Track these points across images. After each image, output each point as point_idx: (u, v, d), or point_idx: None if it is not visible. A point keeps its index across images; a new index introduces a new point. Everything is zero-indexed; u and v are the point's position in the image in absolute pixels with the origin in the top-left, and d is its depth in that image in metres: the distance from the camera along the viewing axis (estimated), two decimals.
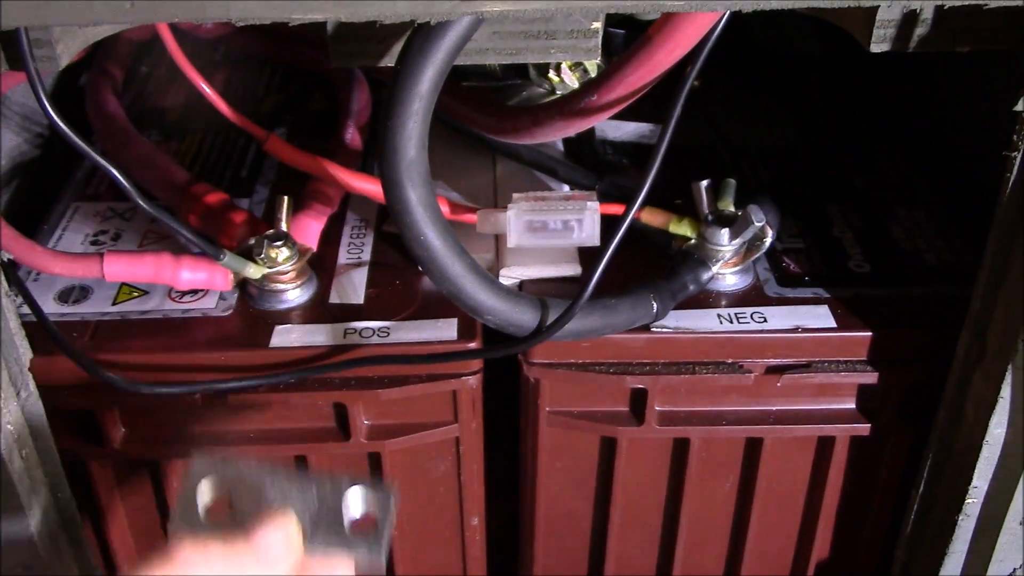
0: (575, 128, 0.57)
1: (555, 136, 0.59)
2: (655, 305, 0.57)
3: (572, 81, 0.76)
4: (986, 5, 0.43)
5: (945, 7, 0.44)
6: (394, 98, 0.45)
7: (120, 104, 0.76)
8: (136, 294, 0.62)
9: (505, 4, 0.40)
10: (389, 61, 0.48)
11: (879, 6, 0.47)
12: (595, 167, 0.70)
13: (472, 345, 0.58)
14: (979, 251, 0.52)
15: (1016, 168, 0.48)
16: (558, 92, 0.77)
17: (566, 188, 0.68)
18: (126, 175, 0.65)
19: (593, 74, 0.75)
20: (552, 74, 0.76)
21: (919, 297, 0.61)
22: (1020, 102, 0.47)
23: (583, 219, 0.58)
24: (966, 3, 0.43)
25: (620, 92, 0.52)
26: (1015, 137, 0.48)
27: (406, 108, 0.45)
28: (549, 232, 0.58)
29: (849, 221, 0.68)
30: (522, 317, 0.51)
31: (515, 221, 0.58)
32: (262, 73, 0.86)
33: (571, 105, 0.55)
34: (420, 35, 0.44)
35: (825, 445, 0.62)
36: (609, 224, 0.57)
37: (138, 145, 0.70)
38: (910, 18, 0.47)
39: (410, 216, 0.46)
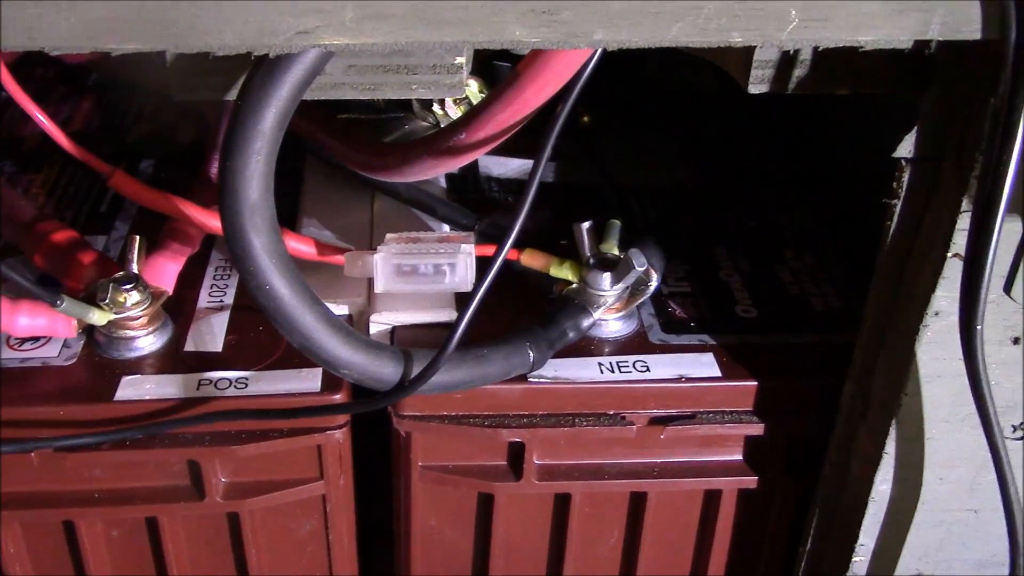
0: (445, 167, 0.54)
1: (426, 175, 0.56)
2: (531, 354, 0.54)
3: (456, 114, 0.73)
4: (861, 47, 0.41)
5: (820, 48, 0.42)
6: (234, 136, 0.41)
7: None
8: None
9: (348, 38, 0.37)
10: (235, 94, 0.44)
11: (755, 47, 0.45)
12: (478, 205, 0.67)
13: (337, 398, 0.54)
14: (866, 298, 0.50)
15: (896, 216, 0.46)
16: (442, 125, 0.73)
17: (446, 228, 0.65)
18: None
19: None
20: (436, 107, 0.73)
21: (806, 345, 0.59)
22: (899, 147, 0.45)
23: (455, 263, 0.54)
24: (842, 45, 0.41)
25: (490, 130, 0.49)
26: (895, 184, 0.46)
27: (247, 147, 0.41)
28: (419, 277, 0.55)
29: (737, 264, 0.66)
30: (383, 371, 0.48)
31: (383, 264, 0.54)
32: (133, 101, 0.82)
33: (440, 143, 0.52)
34: (262, 69, 0.41)
35: (712, 498, 0.59)
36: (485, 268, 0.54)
37: None
38: (788, 59, 0.45)
39: (253, 263, 0.43)
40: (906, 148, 0.45)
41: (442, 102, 0.73)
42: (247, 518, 0.57)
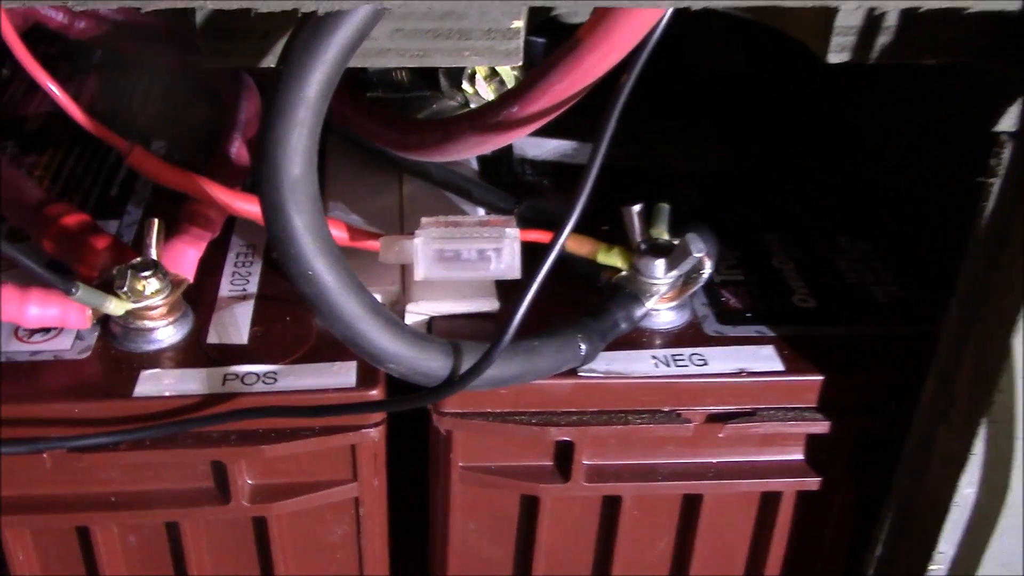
0: (491, 145, 0.50)
1: (468, 154, 0.52)
2: (583, 347, 0.50)
3: (487, 93, 0.69)
4: (967, 9, 0.37)
5: (921, 9, 0.38)
6: (276, 105, 0.37)
7: None
8: None
9: None
10: (272, 61, 0.40)
11: (839, 11, 0.41)
12: (511, 189, 0.63)
13: (374, 394, 0.50)
14: (931, 287, 0.47)
15: (994, 197, 0.42)
16: (472, 105, 0.69)
17: (481, 212, 0.61)
18: None
19: (511, 85, 0.68)
20: (465, 85, 0.69)
21: (871, 337, 0.55)
22: (1000, 121, 0.41)
23: (501, 248, 0.50)
24: (943, 5, 0.38)
25: (544, 104, 0.45)
26: (992, 161, 0.42)
27: (290, 117, 0.37)
28: (462, 263, 0.51)
29: (789, 251, 0.62)
30: (431, 364, 0.44)
31: (423, 250, 0.50)
32: (141, 79, 0.77)
33: (487, 118, 0.48)
34: (307, 29, 0.37)
35: (770, 501, 0.56)
36: (528, 254, 0.51)
37: None
38: (872, 26, 0.41)
39: (295, 246, 0.39)
40: (1008, 122, 0.41)
41: (473, 79, 0.69)
42: (275, 523, 0.53)
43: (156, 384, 0.50)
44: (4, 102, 0.74)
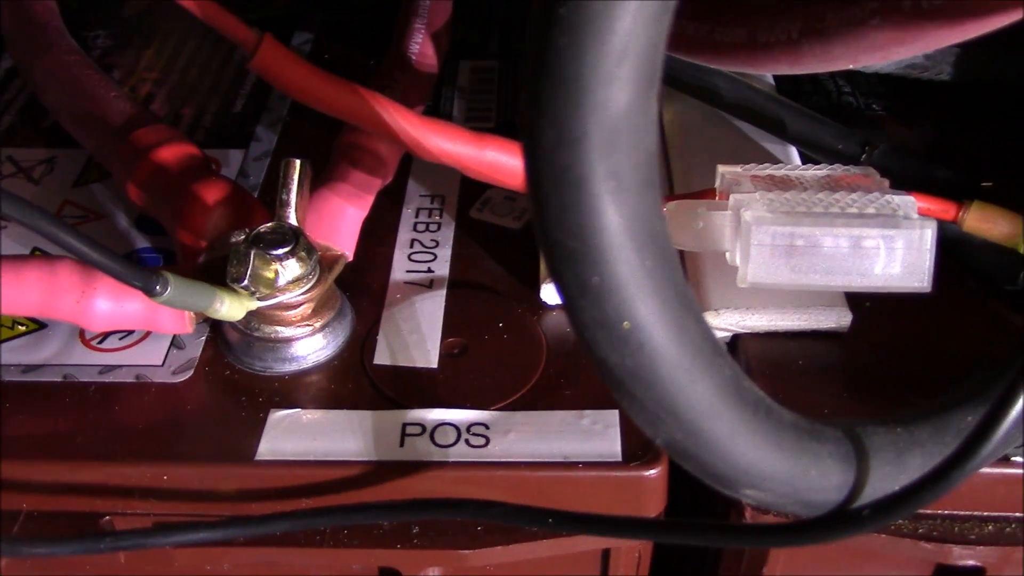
0: (921, 44, 0.27)
1: (867, 58, 0.29)
2: None
3: None
4: None
5: None
6: None
7: None
8: (22, 329, 0.34)
9: None
10: None
11: None
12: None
13: (653, 473, 0.29)
14: None
15: None
16: None
17: (794, 155, 0.39)
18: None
19: None
20: None
21: None
22: None
23: (895, 237, 0.28)
24: None
25: None
26: None
27: None
28: (821, 260, 0.29)
29: None
30: (822, 484, 0.22)
31: (759, 233, 0.28)
32: None
33: None
34: None
35: None
36: None
37: (60, 53, 0.41)
38: None
39: (601, 269, 0.17)
40: None
41: None
42: None
43: (293, 437, 0.30)
44: None
